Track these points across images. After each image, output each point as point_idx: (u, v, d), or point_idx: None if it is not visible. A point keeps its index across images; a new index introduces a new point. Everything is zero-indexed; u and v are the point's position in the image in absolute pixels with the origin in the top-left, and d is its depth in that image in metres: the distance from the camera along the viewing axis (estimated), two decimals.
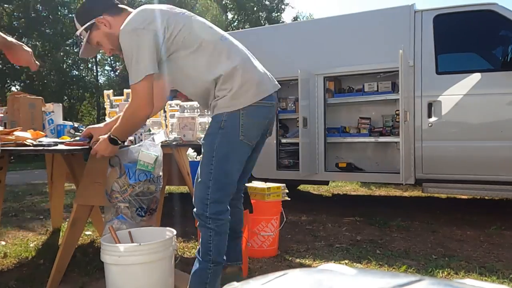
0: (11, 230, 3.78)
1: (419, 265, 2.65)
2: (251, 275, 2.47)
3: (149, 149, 2.04)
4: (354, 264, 2.69)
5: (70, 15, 19.47)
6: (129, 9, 1.91)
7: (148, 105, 1.73)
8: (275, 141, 4.83)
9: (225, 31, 2.06)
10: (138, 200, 2.10)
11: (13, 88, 17.26)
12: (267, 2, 26.60)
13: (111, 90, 3.30)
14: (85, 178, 2.33)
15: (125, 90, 3.15)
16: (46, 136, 2.50)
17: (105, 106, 3.24)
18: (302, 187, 6.59)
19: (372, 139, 4.58)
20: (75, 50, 20.63)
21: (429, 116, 4.01)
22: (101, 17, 1.85)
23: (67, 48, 19.70)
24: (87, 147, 2.08)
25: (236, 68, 1.76)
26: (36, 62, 1.91)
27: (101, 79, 23.66)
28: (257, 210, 2.70)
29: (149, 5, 1.80)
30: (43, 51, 17.89)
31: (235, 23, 26.31)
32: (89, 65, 22.47)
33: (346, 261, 2.74)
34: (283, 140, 5.07)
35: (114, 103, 3.17)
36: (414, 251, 2.96)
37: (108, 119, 2.87)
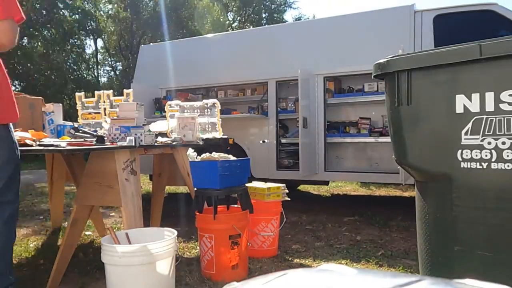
0: None
1: (419, 265, 2.64)
2: (251, 275, 2.47)
3: None
4: (354, 264, 2.69)
5: (71, 15, 19.48)
6: None
7: None
8: (275, 141, 4.84)
9: (226, 31, 2.06)
10: None
11: (12, 88, 17.26)
12: (268, 3, 26.58)
13: (111, 90, 3.31)
14: (85, 178, 2.33)
15: (125, 90, 3.16)
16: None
17: (103, 106, 3.24)
18: (302, 187, 6.59)
19: (372, 139, 4.58)
20: (77, 51, 20.63)
21: None
22: None
23: (68, 48, 19.71)
24: (88, 147, 2.08)
25: None
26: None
27: (102, 79, 23.64)
28: (257, 210, 2.70)
29: None
30: (44, 51, 17.89)
31: (236, 23, 26.30)
32: (90, 66, 22.47)
33: (346, 261, 2.74)
34: (283, 140, 5.07)
35: (114, 103, 3.18)
36: (414, 251, 2.96)
37: (108, 119, 2.88)
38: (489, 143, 1.33)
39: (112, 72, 24.72)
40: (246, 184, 2.68)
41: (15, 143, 1.78)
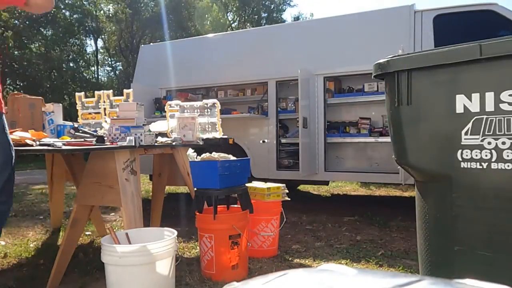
0: (11, 230, 3.78)
1: (419, 265, 2.64)
2: (251, 275, 2.47)
3: None
4: (354, 264, 2.69)
5: (71, 15, 19.48)
6: None
7: None
8: (275, 141, 4.84)
9: (226, 31, 2.06)
10: None
11: (12, 88, 17.27)
12: (267, 3, 26.61)
13: (111, 90, 3.31)
14: (85, 178, 2.33)
15: (125, 90, 3.16)
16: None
17: (103, 106, 3.24)
18: (302, 187, 6.59)
19: (372, 139, 4.58)
20: (77, 50, 20.63)
21: None
22: None
23: (68, 47, 19.71)
24: (88, 147, 2.08)
25: None
26: None
27: (102, 79, 23.63)
28: (257, 210, 2.70)
29: None
30: (43, 51, 17.88)
31: (236, 23, 26.31)
32: (90, 65, 22.47)
33: (346, 261, 2.74)
34: (283, 140, 5.07)
35: (114, 103, 3.18)
36: (414, 251, 2.96)
37: (108, 119, 2.88)
38: (489, 143, 1.33)
39: (112, 72, 24.73)
40: (246, 184, 2.68)
41: (11, 145, 1.77)
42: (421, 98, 1.47)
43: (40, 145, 2.13)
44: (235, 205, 2.75)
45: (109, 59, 24.40)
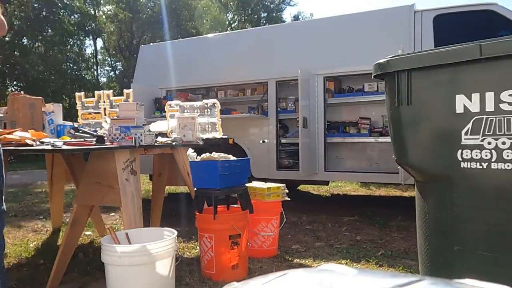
0: (11, 230, 3.78)
1: (419, 265, 2.64)
2: (251, 275, 2.47)
3: None
4: (354, 264, 2.69)
5: (70, 15, 19.48)
6: None
7: None
8: (275, 141, 4.84)
9: (225, 31, 2.05)
10: None
11: (10, 89, 17.25)
12: (267, 2, 26.61)
13: (111, 90, 3.31)
14: (85, 178, 2.33)
15: (125, 90, 3.16)
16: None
17: (103, 106, 3.24)
18: (302, 187, 6.59)
19: (372, 139, 4.58)
20: (77, 51, 20.63)
21: None
22: None
23: (67, 48, 19.70)
24: (88, 147, 2.08)
25: None
26: None
27: (102, 79, 23.63)
28: (257, 210, 2.70)
29: None
30: (43, 51, 17.88)
31: (235, 23, 26.31)
32: (90, 65, 22.47)
33: (346, 261, 2.74)
34: (283, 140, 5.07)
35: (114, 103, 3.18)
36: (414, 251, 2.96)
37: (108, 119, 2.88)
38: (489, 143, 1.33)
39: (112, 72, 24.73)
40: (246, 184, 2.68)
41: None
42: (421, 98, 1.47)
43: (40, 145, 2.12)
44: (235, 205, 2.75)
45: (109, 59, 24.40)
